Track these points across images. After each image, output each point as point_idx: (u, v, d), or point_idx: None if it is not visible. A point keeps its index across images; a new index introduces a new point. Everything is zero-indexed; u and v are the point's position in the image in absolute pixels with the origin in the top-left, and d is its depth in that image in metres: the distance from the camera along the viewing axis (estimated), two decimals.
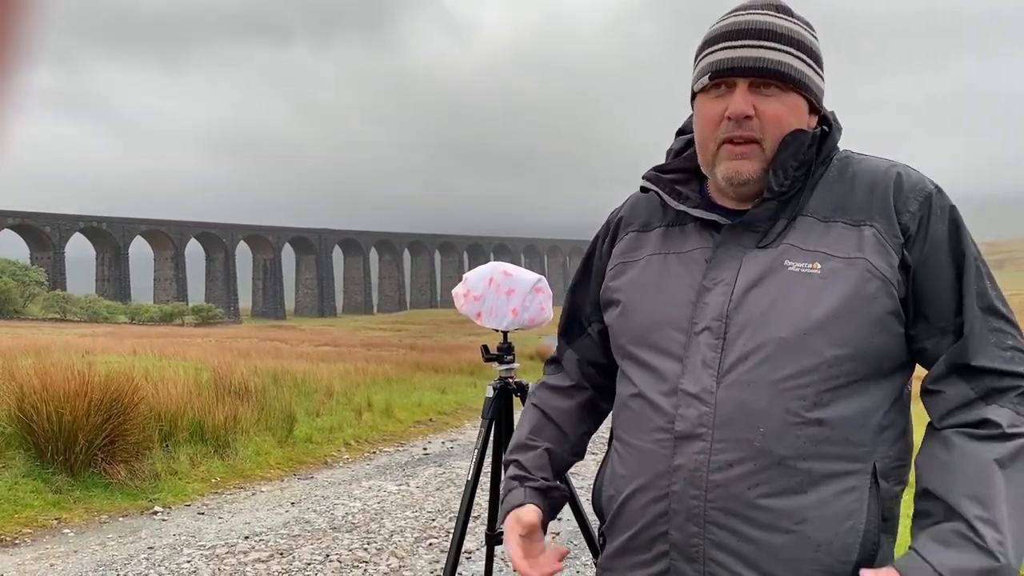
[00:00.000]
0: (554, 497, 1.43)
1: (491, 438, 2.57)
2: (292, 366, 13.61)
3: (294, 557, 4.77)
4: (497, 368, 2.60)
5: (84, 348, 13.78)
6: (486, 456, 2.58)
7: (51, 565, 4.59)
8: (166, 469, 6.68)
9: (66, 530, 5.34)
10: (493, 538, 2.41)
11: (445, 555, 4.87)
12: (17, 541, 5.04)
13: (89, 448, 6.06)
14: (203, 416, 7.42)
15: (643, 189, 1.39)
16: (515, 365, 2.59)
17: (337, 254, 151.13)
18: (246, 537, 5.20)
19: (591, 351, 1.51)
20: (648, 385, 1.28)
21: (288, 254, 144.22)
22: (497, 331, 2.60)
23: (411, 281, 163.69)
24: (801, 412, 1.17)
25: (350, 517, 5.78)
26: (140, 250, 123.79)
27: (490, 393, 2.54)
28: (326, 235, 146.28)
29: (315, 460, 8.26)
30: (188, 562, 4.65)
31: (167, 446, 6.91)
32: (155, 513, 5.89)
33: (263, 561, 4.68)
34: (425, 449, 9.25)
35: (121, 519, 5.70)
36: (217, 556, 4.76)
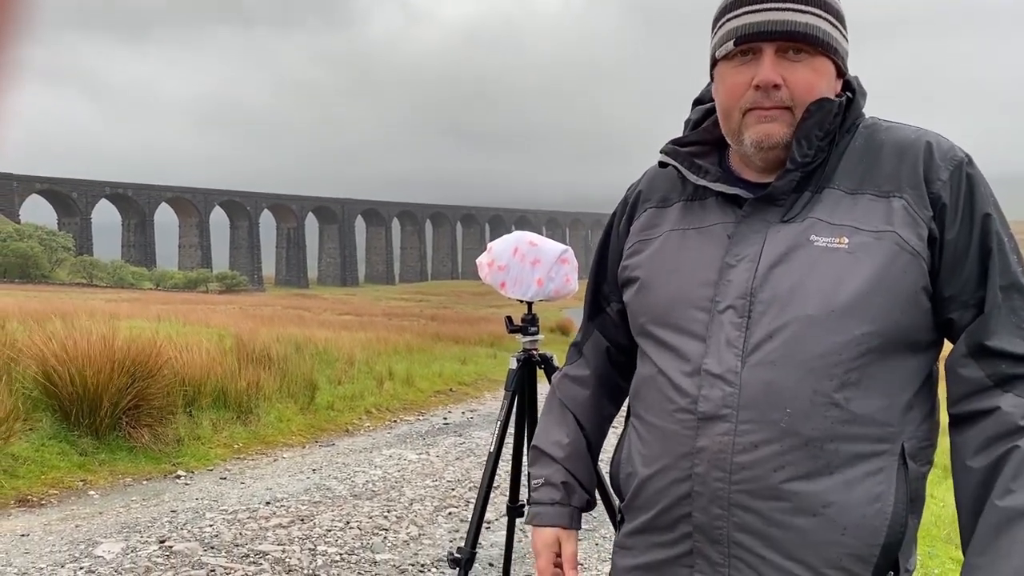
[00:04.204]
0: (585, 509, 1.46)
1: (514, 410, 2.53)
2: (314, 334, 13.69)
3: (315, 523, 4.80)
4: (521, 340, 2.56)
5: (109, 313, 13.92)
6: (509, 428, 2.55)
7: (76, 526, 4.65)
8: (189, 434, 6.74)
9: (91, 492, 5.41)
10: (514, 510, 2.38)
11: (464, 524, 4.90)
12: (44, 502, 5.11)
13: (114, 411, 6.12)
14: (226, 382, 7.47)
15: (661, 164, 1.33)
16: (539, 337, 2.55)
17: (360, 224, 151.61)
18: (267, 503, 5.24)
19: (611, 331, 1.47)
20: (669, 365, 1.24)
21: (311, 223, 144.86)
22: (521, 302, 2.56)
23: (432, 252, 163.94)
24: (829, 392, 1.13)
25: (370, 485, 5.82)
26: (165, 217, 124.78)
27: (514, 365, 2.50)
28: (349, 205, 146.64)
29: (336, 428, 8.31)
30: (210, 526, 4.69)
31: (190, 411, 6.98)
32: (178, 477, 5.95)
33: (284, 527, 4.72)
34: (445, 419, 9.28)
35: (145, 482, 5.77)
36: (239, 521, 4.80)
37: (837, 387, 1.13)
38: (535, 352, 2.52)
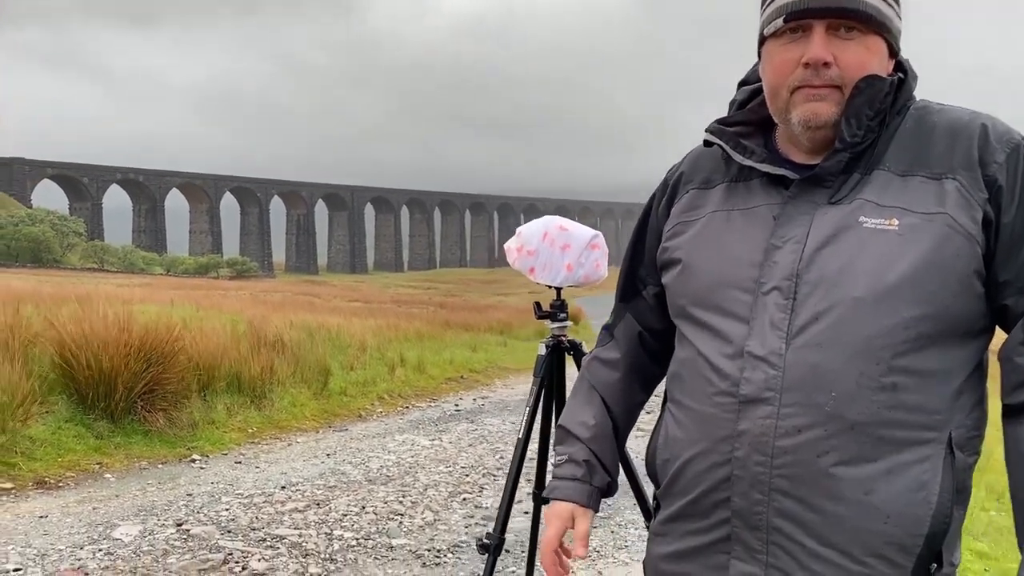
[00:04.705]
0: (606, 493, 1.45)
1: (542, 397, 2.50)
2: (326, 320, 13.72)
3: (331, 508, 4.81)
4: (550, 326, 2.53)
5: (123, 298, 13.98)
6: (537, 414, 2.53)
7: (94, 508, 4.67)
8: (204, 418, 6.76)
9: (107, 475, 5.44)
10: (540, 497, 2.37)
11: (479, 511, 4.90)
12: (61, 484, 5.14)
13: (129, 395, 6.14)
14: (240, 367, 7.49)
15: (706, 143, 1.31)
16: (568, 323, 2.52)
17: (369, 211, 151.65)
18: (282, 487, 5.26)
19: (646, 315, 1.45)
20: (710, 347, 1.22)
21: (321, 210, 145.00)
22: (550, 287, 2.53)
23: (441, 240, 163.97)
24: (876, 376, 1.11)
25: (384, 470, 5.83)
26: (176, 203, 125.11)
27: (542, 351, 2.47)
28: (358, 192, 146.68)
29: (349, 413, 8.33)
30: (227, 509, 4.71)
31: (205, 396, 7.00)
32: (193, 461, 5.97)
33: (300, 511, 4.73)
34: (456, 405, 9.30)
35: (160, 466, 5.79)
36: (255, 505, 4.82)
37: (884, 371, 1.11)
38: (564, 338, 2.49)
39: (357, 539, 4.30)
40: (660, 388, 1.50)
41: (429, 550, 4.18)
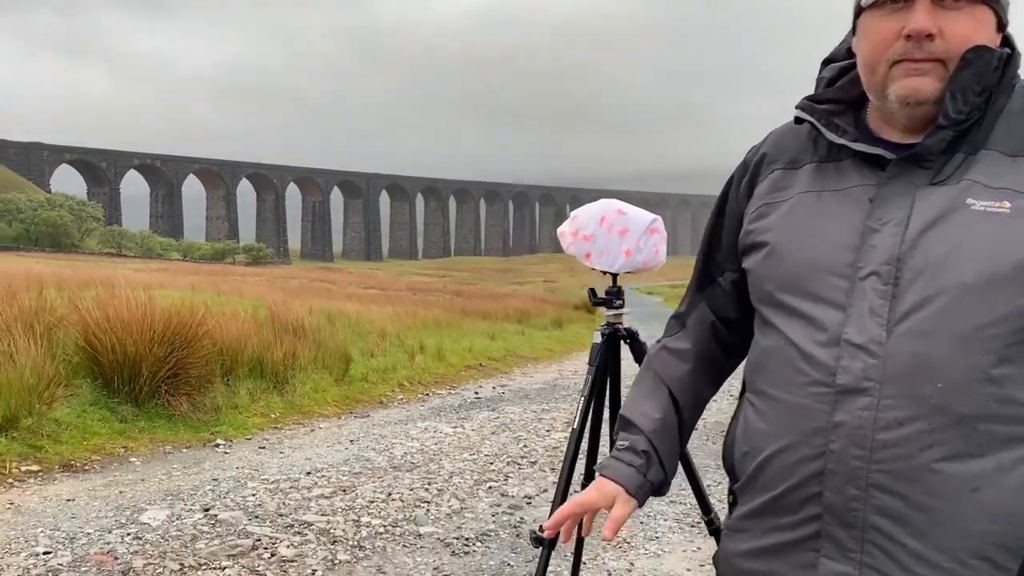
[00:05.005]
0: (656, 491, 1.37)
1: (597, 386, 2.43)
2: (344, 307, 13.74)
3: (357, 495, 4.78)
4: (605, 313, 2.45)
5: (142, 283, 14.03)
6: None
7: (120, 492, 4.66)
8: (227, 403, 6.76)
9: (132, 459, 5.44)
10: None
11: (505, 499, 4.87)
12: (87, 467, 5.14)
13: (153, 379, 6.14)
14: (263, 352, 7.48)
15: (797, 120, 1.24)
16: (625, 310, 2.44)
17: (384, 199, 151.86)
18: (308, 473, 5.24)
19: (721, 304, 1.38)
20: (801, 335, 1.15)
21: (336, 198, 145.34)
22: (606, 274, 2.46)
23: (456, 228, 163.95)
24: (985, 368, 1.04)
25: (409, 457, 5.79)
26: (192, 189, 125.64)
27: (598, 339, 2.40)
28: (373, 180, 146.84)
29: (370, 399, 8.32)
30: (253, 495, 4.69)
31: (227, 381, 6.99)
32: (217, 446, 5.97)
33: (326, 497, 4.71)
34: (477, 393, 9.27)
35: (184, 450, 5.79)
36: (281, 491, 4.80)
37: (994, 362, 1.04)
38: (620, 326, 2.42)
39: (384, 526, 4.27)
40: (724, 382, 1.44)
41: (457, 538, 4.15)
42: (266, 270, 51.16)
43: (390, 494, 4.83)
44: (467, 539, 4.15)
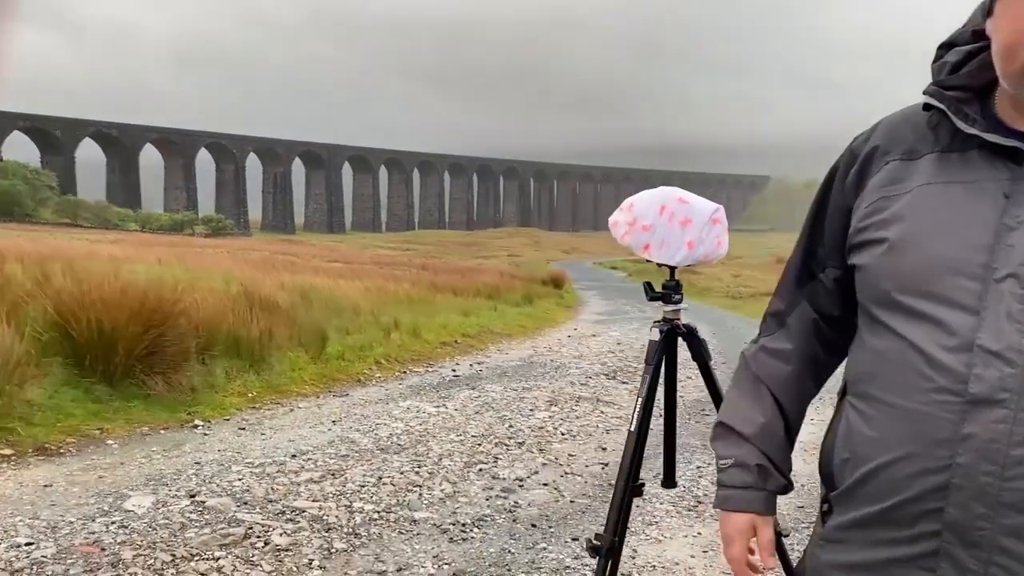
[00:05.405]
0: (782, 493, 1.33)
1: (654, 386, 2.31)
2: (314, 281, 13.50)
3: (347, 478, 4.67)
4: (663, 309, 2.33)
5: (106, 255, 13.65)
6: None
7: (100, 477, 4.50)
8: (203, 383, 6.58)
9: (109, 441, 5.26)
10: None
11: (497, 482, 4.80)
12: (63, 451, 4.95)
13: (128, 358, 5.94)
14: (239, 330, 7.29)
15: (926, 107, 1.15)
16: (683, 305, 2.32)
17: (347, 171, 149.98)
18: (293, 455, 5.11)
19: (823, 301, 1.30)
20: (925, 339, 1.07)
21: (298, 169, 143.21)
22: (663, 266, 2.34)
23: (420, 201, 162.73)
24: None
25: (395, 438, 5.69)
26: (150, 159, 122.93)
27: (656, 336, 2.26)
28: (336, 151, 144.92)
29: (348, 378, 8.17)
30: (239, 479, 4.56)
31: (204, 359, 6.80)
32: (196, 427, 5.80)
33: (316, 482, 4.59)
34: (454, 371, 9.17)
35: (163, 432, 5.61)
36: (268, 475, 4.67)
37: None
38: (679, 322, 2.30)
39: (378, 512, 4.17)
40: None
41: (454, 524, 4.07)
42: (226, 242, 50.23)
43: (380, 478, 4.73)
44: (464, 525, 4.08)
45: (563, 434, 6.10)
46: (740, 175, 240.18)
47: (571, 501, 4.55)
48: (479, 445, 5.64)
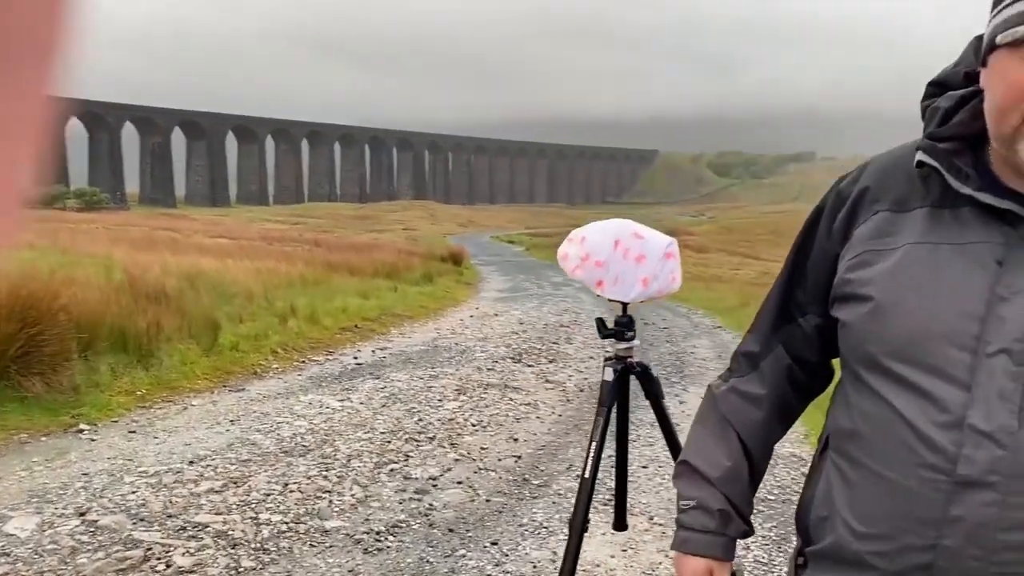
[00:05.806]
0: (744, 537, 1.29)
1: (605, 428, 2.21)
2: (200, 263, 12.89)
3: (250, 487, 4.45)
4: (616, 346, 2.23)
5: None
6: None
7: None
8: (86, 381, 6.15)
9: None
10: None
11: (409, 482, 4.67)
12: None
13: (1, 359, 5.48)
14: (123, 323, 6.85)
15: (919, 165, 1.08)
16: (637, 343, 2.23)
17: (231, 141, 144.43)
18: (191, 462, 4.83)
19: (800, 346, 1.25)
20: (915, 411, 1.02)
21: (178, 139, 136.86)
22: (613, 301, 2.23)
23: (309, 173, 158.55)
24: None
25: (299, 439, 5.47)
26: None
27: (609, 376, 2.16)
28: (218, 120, 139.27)
29: (243, 370, 7.82)
30: (133, 492, 4.27)
31: (86, 356, 6.35)
32: (81, 431, 5.41)
33: (217, 492, 4.34)
34: (356, 358, 8.93)
35: (43, 439, 5.21)
36: (165, 486, 4.39)
37: None
38: (632, 360, 2.20)
39: (287, 523, 3.99)
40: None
41: (367, 533, 3.93)
42: (102, 217, 47.56)
43: (287, 484, 4.53)
44: (378, 533, 3.94)
45: (473, 425, 6.02)
46: (630, 149, 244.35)
47: (487, 500, 4.48)
48: (389, 443, 5.49)
